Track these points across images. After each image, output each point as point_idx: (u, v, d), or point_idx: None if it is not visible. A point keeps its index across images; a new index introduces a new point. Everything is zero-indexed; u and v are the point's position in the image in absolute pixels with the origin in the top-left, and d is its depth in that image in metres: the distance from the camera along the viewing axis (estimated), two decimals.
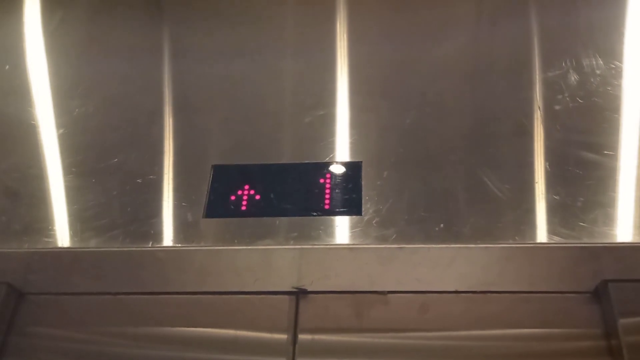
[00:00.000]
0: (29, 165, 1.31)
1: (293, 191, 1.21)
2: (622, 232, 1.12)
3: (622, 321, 1.10)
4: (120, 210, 1.22)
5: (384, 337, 1.18)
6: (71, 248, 1.19)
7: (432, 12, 1.46)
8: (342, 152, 1.26)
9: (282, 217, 1.18)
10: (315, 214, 1.18)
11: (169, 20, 1.54)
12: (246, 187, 1.23)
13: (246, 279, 1.20)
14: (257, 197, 1.21)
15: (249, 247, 1.15)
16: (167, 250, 1.17)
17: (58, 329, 1.24)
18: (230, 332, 1.21)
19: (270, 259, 1.17)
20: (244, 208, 1.20)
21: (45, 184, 1.28)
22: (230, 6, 1.53)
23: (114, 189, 1.25)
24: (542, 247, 1.12)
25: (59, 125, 1.36)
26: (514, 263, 1.14)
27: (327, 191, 1.21)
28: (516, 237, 1.12)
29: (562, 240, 1.12)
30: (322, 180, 1.22)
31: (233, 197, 1.22)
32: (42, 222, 1.22)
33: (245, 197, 1.22)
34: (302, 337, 1.19)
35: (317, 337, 1.19)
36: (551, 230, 1.13)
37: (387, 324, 1.19)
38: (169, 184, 1.25)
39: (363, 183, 1.21)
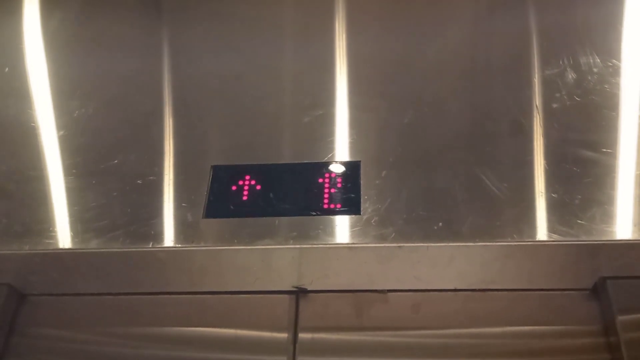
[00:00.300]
0: (29, 167, 1.31)
1: (292, 191, 1.22)
2: (620, 230, 1.12)
3: (621, 318, 1.10)
4: (121, 211, 1.22)
5: (384, 336, 1.18)
6: (72, 249, 1.19)
7: (430, 11, 1.46)
8: (340, 151, 1.27)
9: (281, 217, 1.18)
10: (314, 213, 1.18)
11: (167, 20, 1.54)
12: (245, 187, 1.23)
13: (246, 278, 1.20)
14: (257, 197, 1.22)
15: (249, 247, 1.16)
16: (168, 251, 1.18)
17: (59, 330, 1.24)
18: (231, 331, 1.21)
19: (270, 259, 1.17)
20: (243, 208, 1.21)
21: (45, 186, 1.28)
22: (229, 6, 1.53)
23: (114, 190, 1.25)
24: (541, 245, 1.12)
25: (59, 127, 1.36)
26: (513, 261, 1.15)
27: (326, 191, 1.21)
28: (515, 235, 1.12)
29: (561, 238, 1.12)
30: (321, 180, 1.22)
31: (232, 198, 1.22)
32: (42, 224, 1.22)
33: (244, 198, 1.22)
34: (302, 336, 1.19)
35: (317, 335, 1.19)
36: (550, 228, 1.13)
37: (386, 322, 1.19)
38: (169, 184, 1.26)
39: (362, 182, 1.21)
